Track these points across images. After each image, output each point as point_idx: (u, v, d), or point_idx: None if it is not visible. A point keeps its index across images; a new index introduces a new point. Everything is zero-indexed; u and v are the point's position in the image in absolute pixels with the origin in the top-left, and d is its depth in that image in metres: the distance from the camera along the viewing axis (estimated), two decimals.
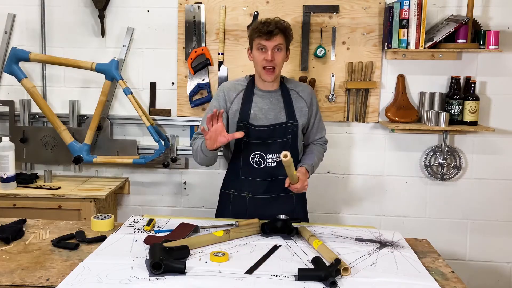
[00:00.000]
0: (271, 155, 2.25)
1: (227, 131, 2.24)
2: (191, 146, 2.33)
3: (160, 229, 1.99)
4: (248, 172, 2.27)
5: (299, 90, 2.33)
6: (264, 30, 2.14)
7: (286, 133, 2.26)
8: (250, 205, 2.28)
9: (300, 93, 2.33)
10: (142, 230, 1.97)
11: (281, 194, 2.29)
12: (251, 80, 2.32)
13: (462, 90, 2.84)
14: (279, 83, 2.32)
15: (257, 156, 2.25)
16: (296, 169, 2.26)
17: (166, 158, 2.99)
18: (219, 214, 2.38)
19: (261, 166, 2.26)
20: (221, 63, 2.91)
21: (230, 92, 2.29)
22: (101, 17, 2.90)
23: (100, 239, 1.86)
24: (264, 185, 2.27)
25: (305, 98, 2.32)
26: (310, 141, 2.43)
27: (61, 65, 2.80)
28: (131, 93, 2.72)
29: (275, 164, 2.26)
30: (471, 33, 2.74)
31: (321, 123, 2.43)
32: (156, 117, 2.98)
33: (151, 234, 1.93)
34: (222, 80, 2.90)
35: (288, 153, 1.88)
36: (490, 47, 2.68)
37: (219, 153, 2.94)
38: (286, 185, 2.16)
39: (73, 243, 1.81)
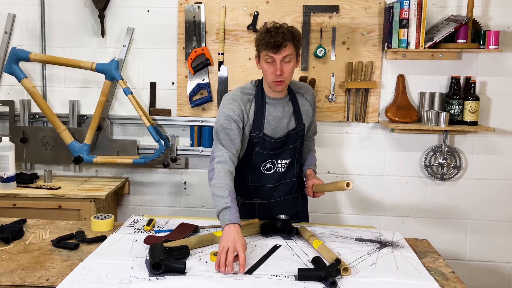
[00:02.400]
0: (281, 160, 2.21)
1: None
2: (209, 174, 2.06)
3: (160, 229, 1.99)
4: (257, 179, 2.22)
5: (303, 92, 2.26)
6: (271, 43, 1.99)
7: (297, 138, 2.21)
8: (260, 210, 2.25)
9: (304, 95, 2.26)
10: (142, 230, 1.97)
11: (288, 196, 2.29)
12: (260, 87, 2.16)
13: (462, 90, 2.84)
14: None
15: (269, 164, 2.20)
16: (303, 171, 2.28)
17: (166, 158, 2.99)
18: None
19: (271, 172, 2.21)
20: (221, 63, 2.91)
21: (246, 103, 2.13)
22: (101, 17, 2.90)
23: (100, 239, 1.87)
24: (272, 190, 2.25)
25: (309, 100, 2.29)
26: (306, 138, 2.41)
27: (61, 65, 2.80)
28: (131, 93, 2.72)
29: (284, 169, 2.23)
30: (471, 33, 2.74)
31: (315, 120, 2.43)
32: (156, 117, 2.97)
33: (151, 234, 1.93)
34: (222, 80, 2.90)
35: (351, 183, 1.88)
36: (490, 47, 2.68)
37: None
38: (310, 195, 2.18)
39: (73, 243, 1.81)
